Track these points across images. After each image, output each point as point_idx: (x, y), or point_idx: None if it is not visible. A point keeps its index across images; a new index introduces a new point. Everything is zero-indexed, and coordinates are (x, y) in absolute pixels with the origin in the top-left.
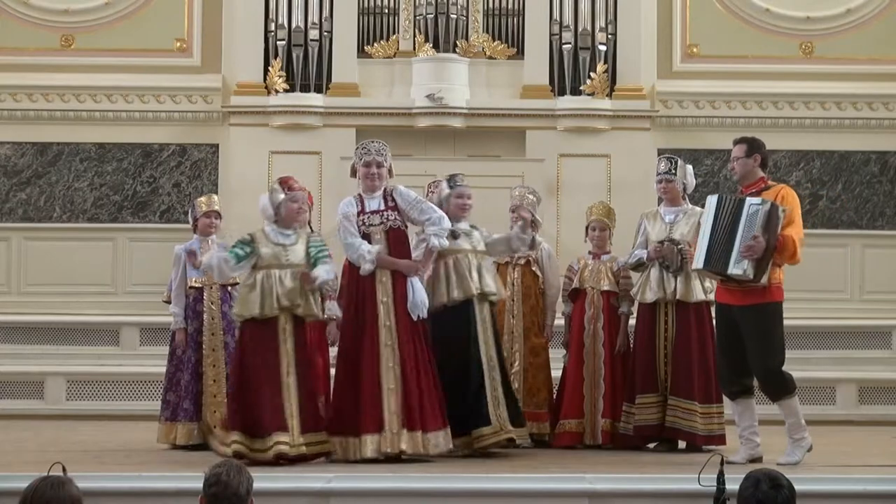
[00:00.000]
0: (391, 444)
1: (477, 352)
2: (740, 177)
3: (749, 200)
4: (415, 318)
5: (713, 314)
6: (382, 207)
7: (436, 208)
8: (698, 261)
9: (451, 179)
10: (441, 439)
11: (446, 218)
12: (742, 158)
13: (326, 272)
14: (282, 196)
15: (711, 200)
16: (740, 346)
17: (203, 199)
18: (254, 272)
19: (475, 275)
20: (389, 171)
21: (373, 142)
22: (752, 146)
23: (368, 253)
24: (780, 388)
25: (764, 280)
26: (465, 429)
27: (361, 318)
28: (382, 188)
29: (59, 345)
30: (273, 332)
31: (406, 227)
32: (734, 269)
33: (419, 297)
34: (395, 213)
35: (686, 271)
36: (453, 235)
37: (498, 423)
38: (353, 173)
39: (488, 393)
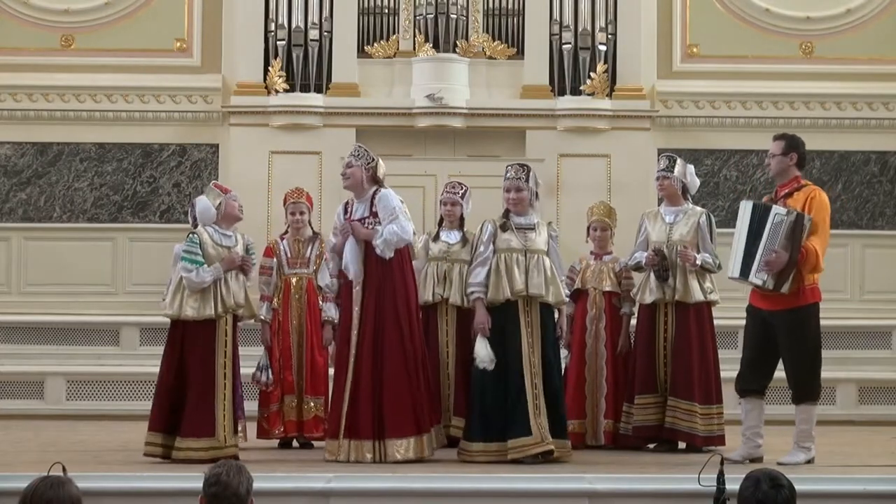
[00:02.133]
0: (339, 451)
1: (518, 357)
2: (774, 174)
3: (774, 210)
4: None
5: (713, 315)
6: (367, 214)
7: (403, 225)
8: (734, 270)
9: (506, 169)
10: (410, 447)
11: (408, 236)
12: (778, 156)
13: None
14: (221, 195)
15: (746, 206)
16: (767, 349)
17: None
18: None
19: (520, 275)
20: (373, 170)
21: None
22: (791, 144)
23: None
24: (808, 392)
25: (785, 289)
26: (499, 435)
27: (343, 324)
28: (370, 191)
29: (59, 345)
30: (212, 333)
31: None
32: (754, 279)
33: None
34: (377, 220)
35: (673, 280)
36: (503, 228)
37: (539, 434)
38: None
39: (529, 401)
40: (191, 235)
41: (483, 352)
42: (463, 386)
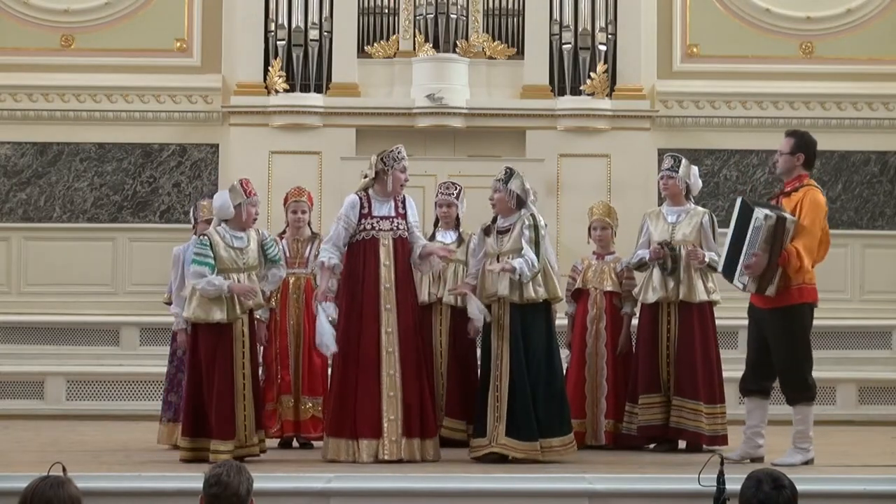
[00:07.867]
0: (389, 451)
1: (486, 359)
2: (782, 172)
3: (755, 213)
4: (327, 354)
5: (716, 314)
6: (393, 214)
7: (420, 238)
8: (720, 268)
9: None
10: (436, 447)
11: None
12: (786, 154)
13: (273, 282)
14: (242, 198)
15: (737, 204)
16: (765, 349)
17: (206, 203)
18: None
19: (491, 279)
20: None
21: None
22: (799, 144)
23: (329, 259)
24: (801, 392)
25: (770, 291)
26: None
27: (363, 321)
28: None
29: (59, 345)
30: (230, 337)
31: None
32: (737, 282)
33: (320, 330)
34: (404, 221)
35: (678, 273)
36: (486, 232)
37: (490, 436)
38: (376, 173)
39: (490, 403)
40: (201, 237)
41: (474, 308)
42: (456, 386)
